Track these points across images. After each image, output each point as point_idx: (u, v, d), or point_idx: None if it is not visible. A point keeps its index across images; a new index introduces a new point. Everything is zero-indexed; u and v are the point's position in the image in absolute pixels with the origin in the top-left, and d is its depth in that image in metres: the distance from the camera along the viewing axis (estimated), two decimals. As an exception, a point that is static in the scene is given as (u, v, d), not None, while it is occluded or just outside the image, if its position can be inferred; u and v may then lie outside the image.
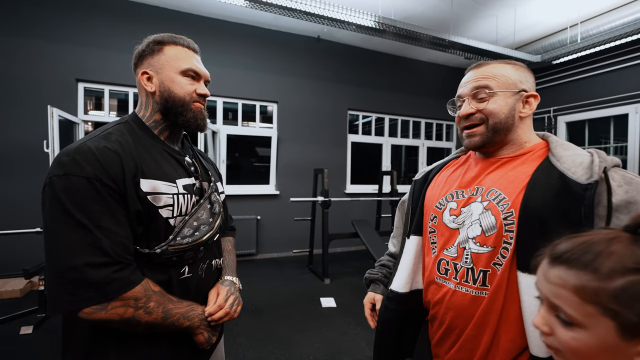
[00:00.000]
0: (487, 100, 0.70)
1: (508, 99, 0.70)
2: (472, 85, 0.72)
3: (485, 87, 0.70)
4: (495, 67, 0.72)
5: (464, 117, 0.73)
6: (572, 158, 0.63)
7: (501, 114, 0.70)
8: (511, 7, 3.58)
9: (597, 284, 0.39)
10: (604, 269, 0.40)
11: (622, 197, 0.56)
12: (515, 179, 0.67)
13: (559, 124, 4.64)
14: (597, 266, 0.40)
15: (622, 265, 0.39)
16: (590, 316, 0.40)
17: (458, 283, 0.70)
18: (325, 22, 3.16)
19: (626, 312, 0.38)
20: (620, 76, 3.98)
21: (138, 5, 3.61)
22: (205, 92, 0.79)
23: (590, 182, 0.57)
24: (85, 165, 0.62)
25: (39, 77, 3.24)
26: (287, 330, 2.38)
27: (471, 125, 0.73)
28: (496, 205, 0.67)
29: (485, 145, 0.73)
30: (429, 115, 5.42)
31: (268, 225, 4.33)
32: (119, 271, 0.62)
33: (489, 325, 0.65)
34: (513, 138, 0.72)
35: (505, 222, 0.64)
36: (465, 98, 0.74)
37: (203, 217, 0.78)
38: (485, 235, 0.67)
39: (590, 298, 0.40)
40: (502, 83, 0.70)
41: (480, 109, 0.71)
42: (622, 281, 0.38)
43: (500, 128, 0.70)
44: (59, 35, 3.31)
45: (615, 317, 0.38)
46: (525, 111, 0.71)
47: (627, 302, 0.38)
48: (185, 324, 0.71)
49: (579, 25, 3.75)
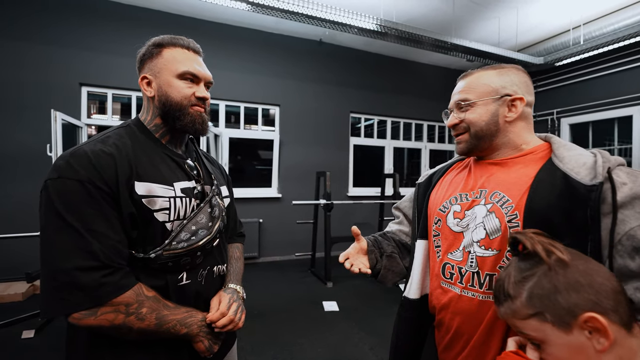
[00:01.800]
0: (466, 110, 0.74)
1: (488, 106, 0.72)
2: (455, 98, 0.77)
3: (464, 100, 0.74)
4: (479, 77, 0.74)
5: (451, 127, 0.78)
6: (576, 158, 0.63)
7: (481, 121, 0.72)
8: (513, 9, 3.58)
9: (517, 304, 0.51)
10: (511, 291, 0.51)
11: (627, 193, 0.55)
12: (518, 180, 0.67)
13: (563, 125, 4.61)
14: (508, 293, 0.52)
15: (517, 280, 0.52)
16: (538, 329, 0.49)
17: (464, 288, 0.69)
18: (328, 25, 3.17)
19: (545, 310, 0.48)
20: (624, 78, 3.95)
21: (141, 10, 3.64)
22: (203, 95, 0.76)
23: (594, 184, 0.56)
24: (79, 168, 0.62)
25: (43, 81, 3.26)
26: (290, 334, 2.36)
27: (458, 134, 0.77)
28: (500, 207, 0.66)
29: (472, 151, 0.77)
30: (431, 117, 5.41)
31: (270, 229, 4.32)
32: (108, 275, 0.60)
33: (499, 330, 0.64)
34: (504, 142, 0.73)
35: (510, 224, 0.64)
36: (452, 109, 0.78)
37: (202, 221, 0.76)
38: (489, 238, 0.66)
39: (524, 315, 0.50)
40: (482, 92, 0.73)
41: (461, 118, 0.75)
42: (525, 292, 0.50)
43: (482, 135, 0.73)
44: (64, 40, 3.34)
45: (545, 318, 0.48)
46: (510, 115, 0.71)
47: (539, 303, 0.49)
48: (183, 331, 0.68)
49: (581, 27, 3.73)
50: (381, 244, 0.88)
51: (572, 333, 0.47)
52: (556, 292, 0.48)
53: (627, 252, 0.53)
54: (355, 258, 0.80)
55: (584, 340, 0.46)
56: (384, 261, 0.86)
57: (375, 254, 0.85)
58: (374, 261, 0.84)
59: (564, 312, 0.47)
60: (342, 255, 0.82)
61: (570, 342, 0.47)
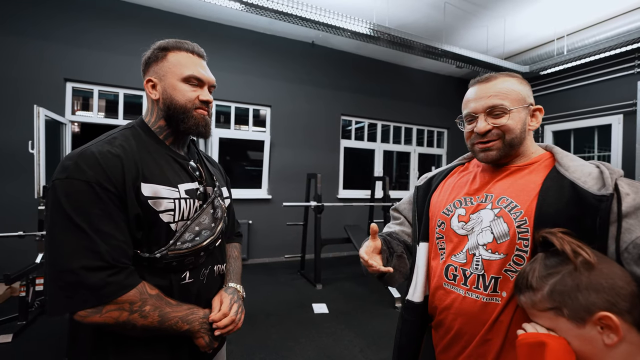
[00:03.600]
0: (502, 116, 0.71)
1: (521, 113, 0.72)
2: (486, 103, 0.72)
3: (501, 105, 0.71)
4: (505, 82, 0.73)
5: (482, 133, 0.73)
6: (581, 168, 0.66)
7: (517, 129, 0.71)
8: (501, 19, 3.68)
9: (538, 296, 0.55)
10: (534, 284, 0.55)
11: (631, 203, 0.58)
12: (525, 187, 0.69)
13: (546, 132, 4.77)
14: (530, 284, 0.56)
15: (541, 275, 0.55)
16: (552, 320, 0.54)
17: (468, 289, 0.70)
18: (321, 27, 3.18)
19: (564, 305, 0.52)
20: (603, 88, 4.12)
21: (130, 6, 3.56)
22: (207, 98, 0.78)
23: (604, 194, 0.59)
24: (87, 169, 0.63)
25: (26, 76, 3.15)
26: (279, 337, 2.34)
27: (489, 140, 0.73)
28: (508, 213, 0.68)
29: (502, 158, 0.75)
30: (420, 121, 5.50)
31: (260, 230, 4.29)
32: (114, 275, 0.62)
33: (500, 332, 0.66)
34: (523, 150, 0.75)
35: (519, 229, 0.65)
36: (479, 115, 0.74)
37: (205, 222, 0.78)
38: (497, 242, 0.68)
39: (542, 307, 0.55)
40: (515, 99, 0.71)
41: (497, 125, 0.71)
42: (547, 287, 0.54)
43: (516, 142, 0.72)
44: (48, 34, 3.23)
45: (561, 312, 0.52)
46: (533, 124, 0.74)
47: (558, 298, 0.53)
48: (184, 327, 0.70)
49: (565, 37, 3.88)
50: (391, 244, 0.87)
51: (585, 327, 0.51)
52: (577, 291, 0.52)
53: (633, 259, 0.56)
54: (371, 256, 0.77)
55: (595, 334, 0.51)
56: (394, 261, 0.84)
57: (386, 253, 0.83)
58: (385, 261, 0.82)
59: (582, 309, 0.51)
60: (363, 252, 0.77)
61: (581, 334, 0.52)
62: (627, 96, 3.83)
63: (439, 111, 5.54)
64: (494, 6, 3.45)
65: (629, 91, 3.80)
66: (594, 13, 3.51)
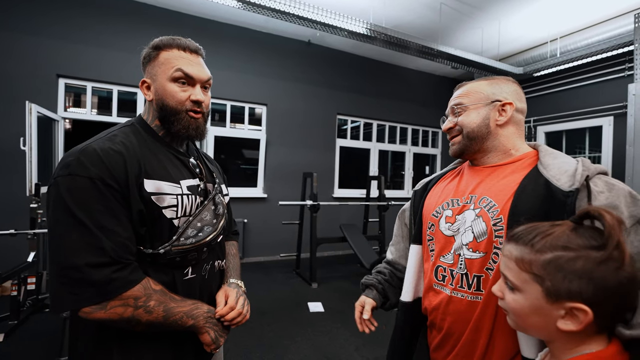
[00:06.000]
0: (461, 114, 0.80)
1: (480, 110, 0.77)
2: (450, 104, 0.83)
3: (459, 104, 0.80)
4: (472, 85, 0.81)
5: (446, 130, 0.84)
6: (559, 166, 0.66)
7: (472, 123, 0.78)
8: (496, 20, 3.72)
9: (532, 257, 0.49)
10: (538, 245, 0.49)
11: (602, 202, 0.58)
12: (505, 186, 0.70)
13: (539, 133, 4.83)
14: (534, 242, 0.50)
15: (554, 243, 0.48)
16: (525, 282, 0.50)
17: (454, 289, 0.72)
18: (317, 26, 3.18)
19: (550, 280, 0.47)
20: (595, 90, 4.19)
21: (124, 2, 3.51)
22: (198, 98, 0.75)
23: (571, 190, 0.60)
24: (90, 165, 0.62)
25: (18, 71, 3.09)
26: (275, 335, 2.35)
27: (452, 137, 0.83)
28: (487, 212, 0.70)
29: (464, 152, 0.81)
30: (415, 121, 5.53)
31: (255, 229, 4.28)
32: (118, 271, 0.62)
33: (484, 330, 0.67)
34: (494, 145, 0.77)
35: (495, 227, 0.67)
36: (448, 115, 0.84)
37: (207, 218, 0.78)
38: (477, 241, 0.69)
39: (525, 267, 0.50)
40: (474, 98, 0.78)
41: (455, 122, 0.80)
42: (550, 255, 0.48)
43: (474, 136, 0.78)
44: (40, 30, 3.17)
45: (542, 283, 0.48)
46: (501, 119, 0.76)
47: (552, 272, 0.47)
48: (189, 322, 0.70)
49: (558, 40, 3.94)
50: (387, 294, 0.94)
51: (552, 305, 0.47)
52: (579, 277, 0.45)
53: None
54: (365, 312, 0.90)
55: (556, 312, 0.47)
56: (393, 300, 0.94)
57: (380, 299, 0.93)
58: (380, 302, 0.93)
59: (565, 293, 0.46)
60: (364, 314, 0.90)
61: (542, 306, 0.48)
62: (618, 98, 3.90)
63: (434, 111, 5.57)
64: (489, 8, 3.48)
65: (620, 93, 3.87)
66: (586, 16, 3.57)
